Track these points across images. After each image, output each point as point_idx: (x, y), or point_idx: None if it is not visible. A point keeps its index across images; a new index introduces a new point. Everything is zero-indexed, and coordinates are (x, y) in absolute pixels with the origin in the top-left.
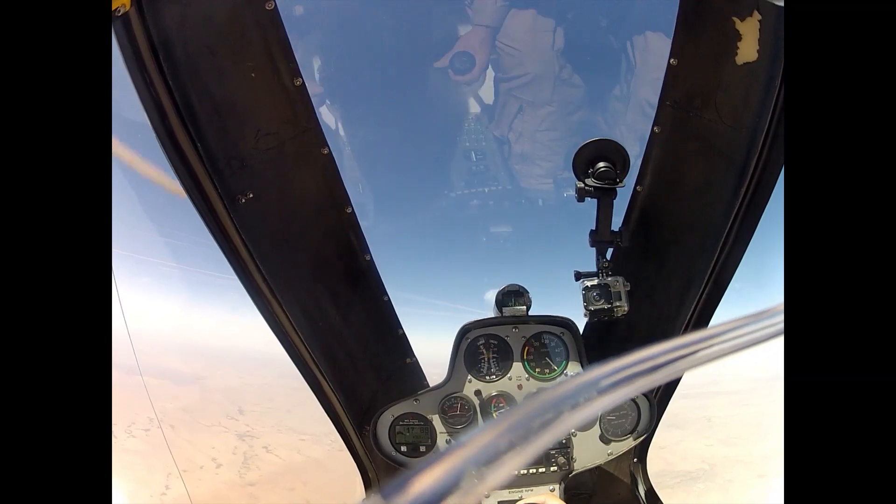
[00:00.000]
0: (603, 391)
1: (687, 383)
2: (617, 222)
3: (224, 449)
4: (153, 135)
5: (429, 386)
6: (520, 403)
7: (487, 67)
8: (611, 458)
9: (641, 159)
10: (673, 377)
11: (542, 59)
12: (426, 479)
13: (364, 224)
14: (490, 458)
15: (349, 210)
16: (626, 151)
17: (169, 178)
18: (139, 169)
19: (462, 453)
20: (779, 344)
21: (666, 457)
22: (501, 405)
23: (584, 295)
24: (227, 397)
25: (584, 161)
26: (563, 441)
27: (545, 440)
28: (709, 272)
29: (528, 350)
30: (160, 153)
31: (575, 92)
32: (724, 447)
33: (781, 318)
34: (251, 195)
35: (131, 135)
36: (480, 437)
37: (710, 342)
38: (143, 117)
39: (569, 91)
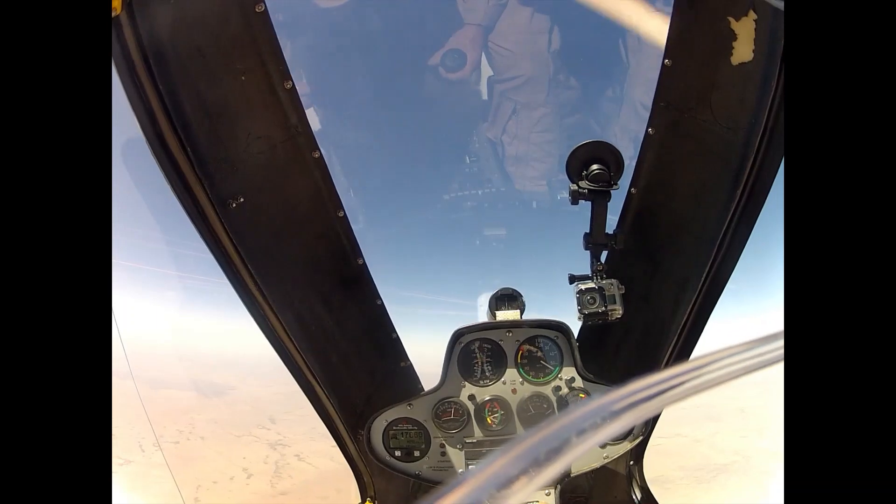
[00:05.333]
0: (611, 418)
1: None
2: (611, 225)
3: (255, 459)
4: (143, 139)
5: (423, 390)
6: (533, 429)
7: (479, 66)
8: (607, 461)
9: (636, 161)
10: (673, 403)
11: (535, 60)
12: None
13: (356, 228)
14: (501, 486)
15: (341, 213)
16: (620, 153)
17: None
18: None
19: (472, 483)
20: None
21: (703, 450)
22: (496, 410)
23: (578, 298)
24: (257, 406)
25: (577, 163)
26: None
27: (556, 468)
28: (704, 275)
29: (521, 354)
30: (150, 158)
31: (569, 94)
32: (759, 438)
33: (782, 342)
34: (242, 199)
35: (120, 139)
36: (490, 467)
37: (711, 368)
38: (133, 121)
39: (563, 93)
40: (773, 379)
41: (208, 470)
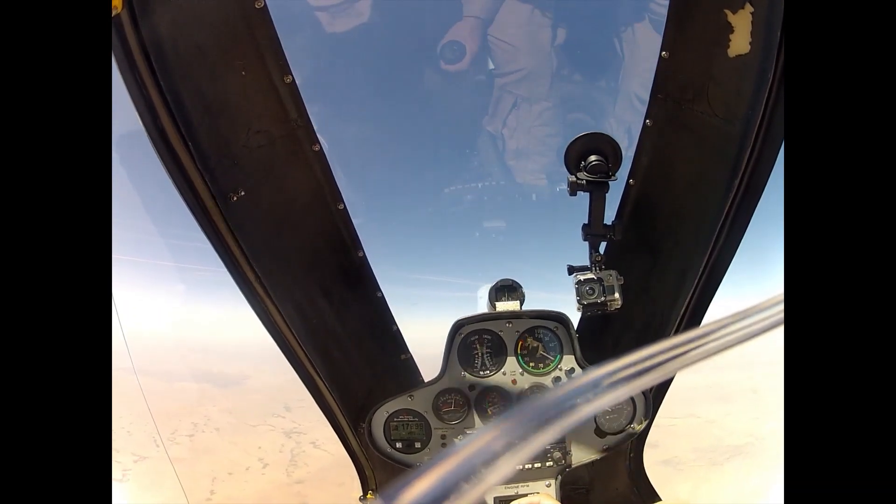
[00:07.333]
0: (607, 390)
1: (731, 354)
2: (610, 216)
3: (271, 448)
4: (145, 135)
5: (423, 382)
6: (521, 405)
7: (479, 58)
8: (606, 452)
9: (634, 152)
10: (675, 372)
11: (536, 54)
12: (426, 482)
13: (356, 221)
14: (489, 459)
15: (341, 206)
16: (618, 144)
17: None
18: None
19: (461, 456)
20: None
21: (715, 431)
22: (496, 400)
23: (577, 289)
24: (272, 395)
25: (575, 155)
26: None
27: (547, 438)
28: (703, 265)
29: (521, 345)
30: (152, 153)
31: (569, 87)
32: (771, 420)
33: (781, 307)
34: (243, 193)
35: (122, 135)
36: (479, 440)
37: (712, 337)
38: (134, 117)
39: (563, 86)
40: (781, 359)
41: (224, 461)
